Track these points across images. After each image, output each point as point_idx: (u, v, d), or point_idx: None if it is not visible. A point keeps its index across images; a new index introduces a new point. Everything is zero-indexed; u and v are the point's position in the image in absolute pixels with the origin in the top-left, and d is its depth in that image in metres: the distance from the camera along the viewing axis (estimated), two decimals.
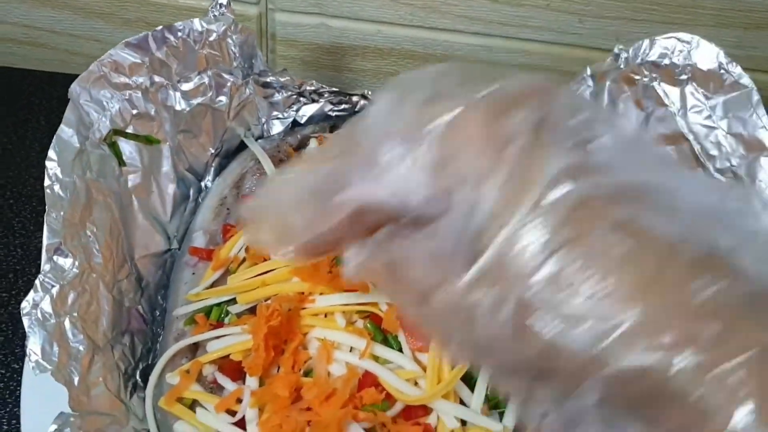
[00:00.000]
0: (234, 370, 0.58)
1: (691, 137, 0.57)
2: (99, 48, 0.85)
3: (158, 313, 0.64)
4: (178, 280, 0.65)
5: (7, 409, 0.63)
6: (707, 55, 0.57)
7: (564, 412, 0.29)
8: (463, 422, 0.56)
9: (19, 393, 0.59)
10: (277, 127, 0.73)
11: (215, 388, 0.59)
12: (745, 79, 0.56)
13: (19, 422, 0.57)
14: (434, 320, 0.32)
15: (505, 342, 0.29)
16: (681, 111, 0.58)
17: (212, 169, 0.70)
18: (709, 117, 0.57)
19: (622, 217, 0.27)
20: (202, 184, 0.70)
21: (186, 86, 0.65)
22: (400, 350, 0.58)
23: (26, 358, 0.52)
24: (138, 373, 0.60)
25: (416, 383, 0.56)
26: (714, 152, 0.57)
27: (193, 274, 0.65)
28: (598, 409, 0.28)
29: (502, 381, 0.32)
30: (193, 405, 0.58)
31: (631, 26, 0.80)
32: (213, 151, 0.69)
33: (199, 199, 0.70)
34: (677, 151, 0.58)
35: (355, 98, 0.74)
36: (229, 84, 0.68)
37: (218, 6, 0.66)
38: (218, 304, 0.61)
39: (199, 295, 0.62)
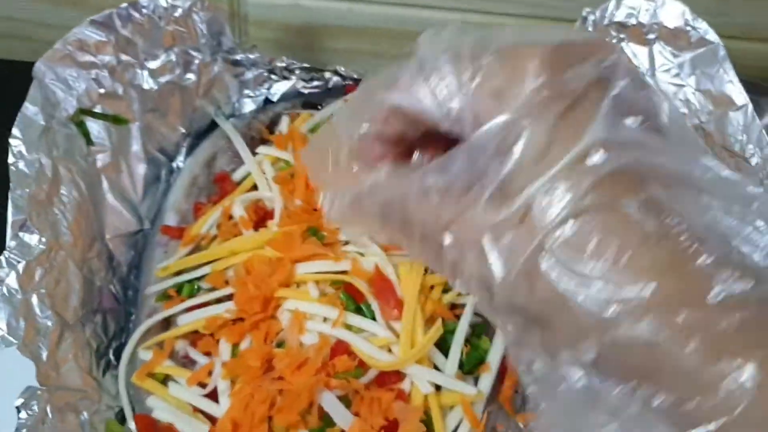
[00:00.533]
0: (206, 345, 0.58)
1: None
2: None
3: (131, 293, 0.64)
4: (150, 259, 0.64)
5: None
6: (673, 12, 0.57)
7: (553, 363, 0.30)
8: (438, 388, 0.56)
9: None
10: (248, 106, 0.73)
11: (187, 363, 0.58)
12: (711, 35, 0.56)
13: None
14: (440, 254, 0.32)
15: (515, 281, 0.29)
16: (650, 71, 0.58)
17: (183, 149, 0.70)
18: (677, 75, 0.57)
19: (653, 197, 0.28)
20: (174, 164, 0.70)
21: (153, 64, 0.65)
22: (374, 319, 0.57)
23: None
24: (111, 351, 0.60)
25: (390, 350, 0.56)
26: (683, 110, 0.56)
27: (165, 252, 0.64)
28: (589, 368, 0.28)
29: (501, 317, 0.32)
30: (165, 381, 0.58)
31: None
32: (183, 131, 0.69)
33: (171, 180, 0.69)
34: None
35: (327, 74, 0.74)
36: (197, 61, 0.67)
37: None
38: (190, 281, 0.61)
39: (168, 269, 0.62)
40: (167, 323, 0.60)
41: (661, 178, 0.28)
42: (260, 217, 0.64)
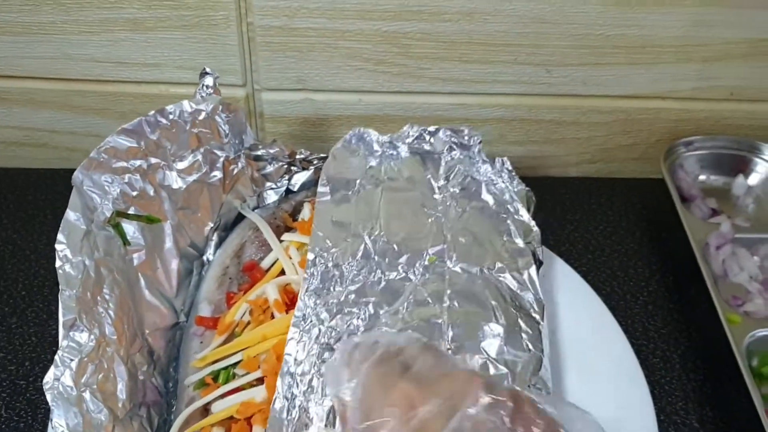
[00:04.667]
0: (240, 429, 0.60)
1: None
2: (97, 142, 0.89)
3: (171, 385, 0.66)
4: (188, 350, 0.67)
5: None
6: None
7: None
8: None
9: None
10: (271, 197, 0.77)
11: None
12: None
13: None
14: None
15: None
16: None
17: (212, 242, 0.73)
18: None
19: None
20: (204, 257, 0.73)
21: (181, 165, 0.69)
22: None
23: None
24: None
25: None
26: None
27: (201, 342, 0.67)
28: None
29: None
30: None
31: (596, 70, 0.84)
32: (212, 225, 0.72)
33: (203, 273, 0.72)
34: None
35: None
36: (221, 159, 0.71)
37: (205, 87, 0.70)
38: (225, 368, 0.64)
39: (205, 359, 0.64)
40: (206, 410, 0.63)
41: None
42: (291, 299, 0.67)
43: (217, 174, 0.71)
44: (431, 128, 0.73)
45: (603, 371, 0.67)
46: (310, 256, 0.63)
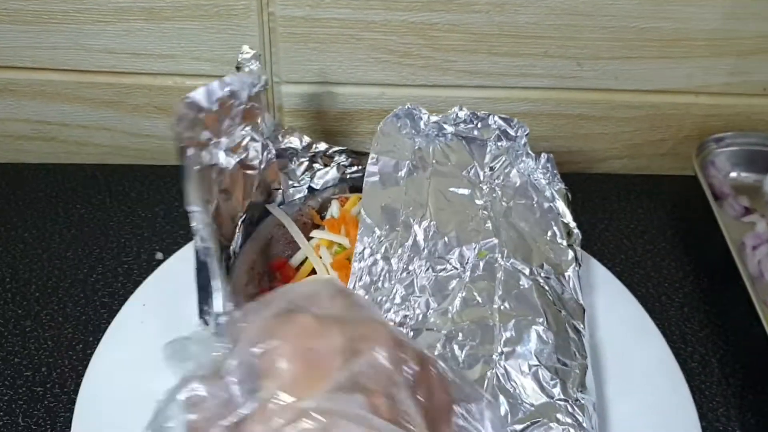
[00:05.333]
0: None
1: None
2: (109, 136, 0.87)
3: None
4: None
5: None
6: None
7: None
8: None
9: None
10: (295, 194, 0.74)
11: None
12: None
13: None
14: None
15: None
16: None
17: (238, 235, 0.70)
18: None
19: None
20: (231, 249, 0.70)
21: (227, 141, 0.66)
22: None
23: None
24: None
25: None
26: None
27: None
28: None
29: None
30: None
31: (627, 64, 0.82)
32: (242, 216, 0.69)
33: (228, 265, 0.69)
34: None
35: (364, 158, 0.75)
36: (258, 146, 0.69)
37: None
38: None
39: None
40: None
41: None
42: None
43: (254, 162, 0.69)
44: (482, 113, 0.70)
45: (643, 376, 0.65)
46: (359, 247, 0.60)
